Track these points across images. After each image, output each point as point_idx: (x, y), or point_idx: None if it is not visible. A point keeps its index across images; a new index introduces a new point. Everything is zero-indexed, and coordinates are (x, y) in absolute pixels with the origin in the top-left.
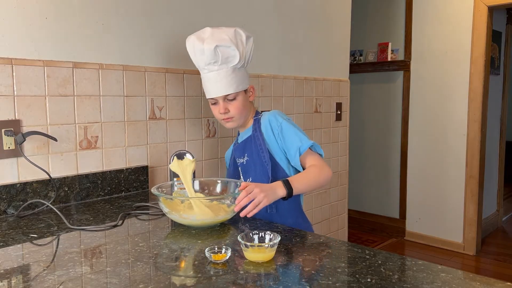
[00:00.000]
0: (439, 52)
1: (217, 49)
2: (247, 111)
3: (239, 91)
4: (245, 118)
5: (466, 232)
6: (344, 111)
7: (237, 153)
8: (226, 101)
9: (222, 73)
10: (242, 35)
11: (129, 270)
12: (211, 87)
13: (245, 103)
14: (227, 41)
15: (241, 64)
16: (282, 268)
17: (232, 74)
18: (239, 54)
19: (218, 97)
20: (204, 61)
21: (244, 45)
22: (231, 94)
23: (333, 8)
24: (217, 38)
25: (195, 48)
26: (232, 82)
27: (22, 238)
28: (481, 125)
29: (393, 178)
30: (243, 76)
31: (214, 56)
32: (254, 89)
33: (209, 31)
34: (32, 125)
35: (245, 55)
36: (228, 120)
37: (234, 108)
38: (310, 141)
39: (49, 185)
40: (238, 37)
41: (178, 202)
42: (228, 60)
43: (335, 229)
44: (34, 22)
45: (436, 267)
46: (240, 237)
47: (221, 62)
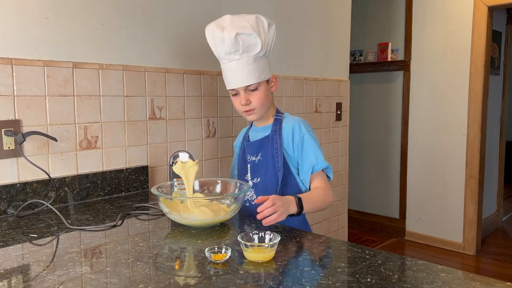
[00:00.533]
0: (439, 52)
1: (238, 37)
2: (269, 103)
3: (261, 81)
4: (266, 110)
5: (466, 232)
6: (344, 111)
7: (250, 150)
8: (247, 92)
9: (243, 63)
10: (264, 22)
11: (129, 270)
12: (231, 77)
13: (267, 93)
14: (249, 28)
15: (263, 53)
16: (282, 268)
17: (254, 64)
18: (261, 42)
19: (239, 88)
20: (224, 50)
21: (266, 33)
22: (252, 85)
23: (333, 8)
24: (238, 25)
25: (215, 36)
26: (253, 71)
27: (22, 238)
28: (481, 125)
29: (393, 178)
30: (265, 65)
31: (235, 44)
32: (276, 79)
33: (229, 18)
34: (32, 125)
35: (267, 43)
36: (250, 112)
37: (256, 99)
38: (325, 163)
39: (49, 185)
40: (260, 24)
41: (178, 202)
42: (250, 48)
43: (335, 229)
44: (34, 22)
45: (436, 267)
46: (240, 237)
47: (242, 51)
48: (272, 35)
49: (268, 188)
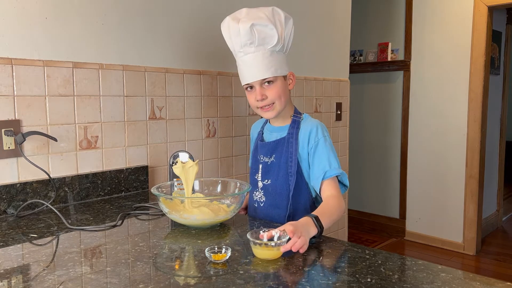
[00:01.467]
0: (439, 52)
1: (253, 28)
2: (286, 99)
3: (278, 76)
4: (284, 106)
5: (466, 232)
6: (344, 111)
7: (263, 150)
8: (263, 87)
9: (259, 56)
10: (280, 15)
11: (129, 270)
12: (246, 71)
13: (284, 89)
14: (264, 19)
15: (279, 47)
16: (282, 268)
17: (270, 57)
18: (277, 34)
19: (255, 82)
20: (239, 43)
21: (283, 26)
22: (269, 78)
23: (333, 8)
24: (254, 16)
25: (230, 29)
26: (270, 65)
27: (22, 238)
28: (481, 125)
29: (393, 178)
30: (282, 60)
31: (250, 36)
32: (295, 76)
33: (245, 10)
34: (32, 125)
35: (284, 37)
36: (267, 108)
37: (272, 92)
38: (339, 170)
39: (49, 185)
40: (276, 16)
41: (178, 202)
42: (266, 41)
43: (335, 229)
44: (34, 22)
45: (436, 267)
46: (249, 234)
47: (258, 43)
48: (289, 30)
49: (278, 192)
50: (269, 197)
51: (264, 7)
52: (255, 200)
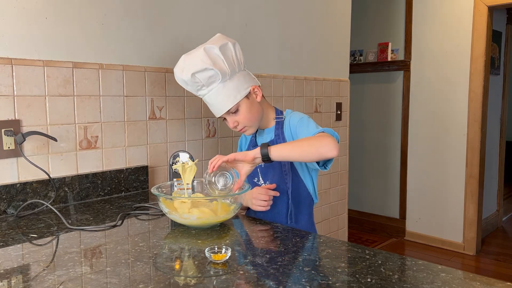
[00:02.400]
0: (439, 52)
1: (194, 75)
2: (257, 114)
3: (238, 101)
4: (259, 121)
5: (466, 232)
6: (344, 111)
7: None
8: (232, 115)
9: (213, 93)
10: (213, 49)
11: (129, 270)
12: (212, 108)
13: (251, 108)
14: (200, 64)
15: (229, 75)
16: (282, 268)
17: (224, 90)
18: (218, 70)
19: (223, 115)
20: (192, 89)
21: (222, 58)
22: (232, 108)
23: (333, 8)
24: (190, 65)
25: (178, 80)
26: (227, 96)
27: (22, 238)
28: (481, 125)
29: (393, 178)
30: (238, 84)
31: (196, 82)
32: (259, 87)
33: (182, 59)
34: (32, 125)
35: (228, 65)
36: (243, 130)
37: (241, 118)
38: (319, 128)
39: (49, 185)
40: (211, 54)
41: (177, 202)
42: (211, 80)
43: (335, 229)
44: (34, 22)
45: (436, 267)
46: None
47: (207, 84)
48: (231, 54)
49: (278, 191)
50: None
51: (197, 49)
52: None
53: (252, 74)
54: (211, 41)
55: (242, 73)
